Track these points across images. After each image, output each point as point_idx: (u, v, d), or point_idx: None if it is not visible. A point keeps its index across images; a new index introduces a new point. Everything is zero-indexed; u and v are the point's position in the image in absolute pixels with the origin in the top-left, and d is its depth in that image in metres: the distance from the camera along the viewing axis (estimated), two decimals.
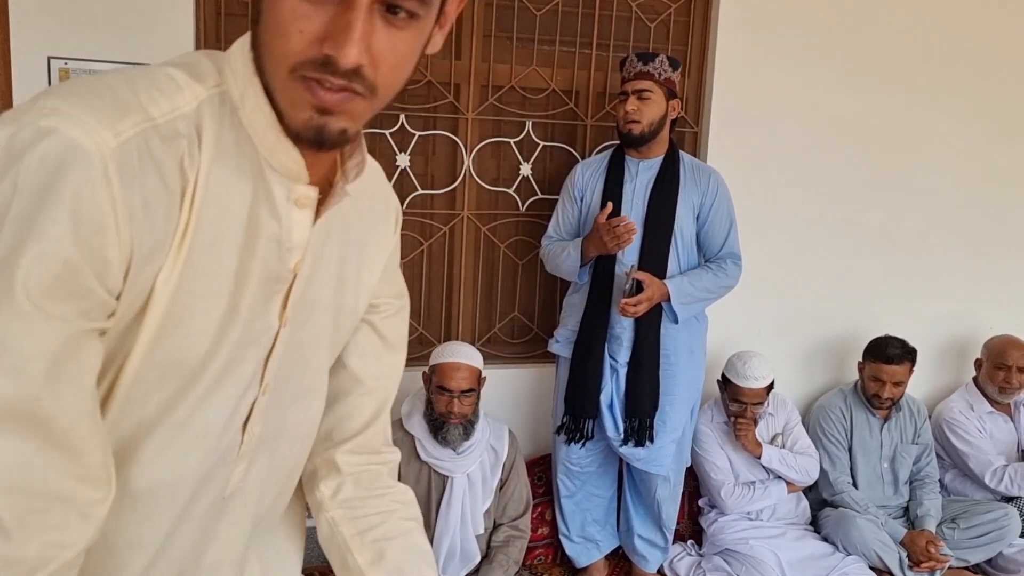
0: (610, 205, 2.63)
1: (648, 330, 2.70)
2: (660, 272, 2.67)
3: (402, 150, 3.00)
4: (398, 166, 3.00)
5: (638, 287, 2.60)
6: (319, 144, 0.78)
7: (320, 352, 0.99)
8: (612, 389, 2.77)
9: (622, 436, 2.76)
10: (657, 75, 2.64)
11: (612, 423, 2.78)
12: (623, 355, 2.75)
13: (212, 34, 2.75)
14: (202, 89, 0.79)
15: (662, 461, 2.81)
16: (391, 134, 2.98)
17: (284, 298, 0.88)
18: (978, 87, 3.48)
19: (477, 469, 2.74)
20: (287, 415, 0.97)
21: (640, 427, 2.73)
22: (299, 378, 0.97)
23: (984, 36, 3.44)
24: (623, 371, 2.76)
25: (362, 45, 0.72)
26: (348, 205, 0.90)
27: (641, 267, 2.66)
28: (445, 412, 2.62)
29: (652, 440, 2.74)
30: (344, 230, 0.95)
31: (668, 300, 2.67)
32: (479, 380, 2.70)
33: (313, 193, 0.85)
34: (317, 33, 0.72)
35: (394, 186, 2.98)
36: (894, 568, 2.97)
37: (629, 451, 2.78)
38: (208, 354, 0.82)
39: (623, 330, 2.73)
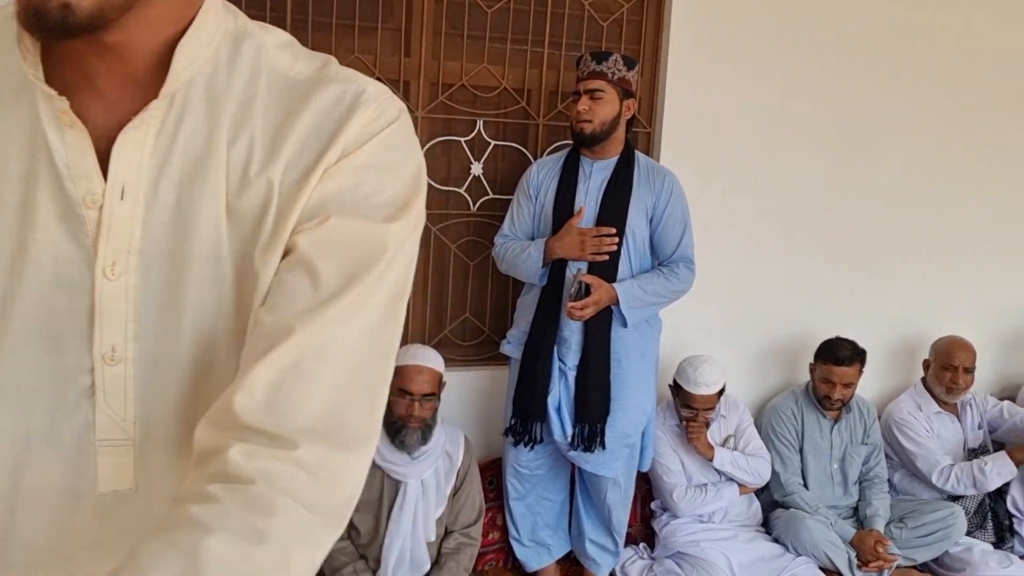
0: (584, 209, 2.59)
1: (597, 334, 2.67)
2: (610, 275, 2.64)
3: None
4: None
5: (586, 290, 2.57)
6: (42, 30, 0.63)
7: (208, 317, 0.78)
8: (560, 392, 2.73)
9: (569, 440, 2.73)
10: (610, 75, 2.61)
11: (559, 427, 2.74)
12: (572, 358, 2.72)
13: None
14: None
15: (611, 464, 2.78)
16: None
17: (94, 241, 0.74)
18: (930, 90, 3.51)
19: (431, 475, 2.69)
20: (182, 398, 0.80)
21: (590, 433, 2.70)
22: (187, 352, 0.78)
23: (936, 38, 3.46)
24: (572, 375, 2.72)
25: None
26: (222, 115, 0.75)
27: (591, 270, 2.62)
28: (405, 415, 2.57)
29: (604, 447, 2.71)
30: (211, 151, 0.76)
31: (617, 304, 2.64)
32: (440, 384, 2.66)
33: (63, 105, 0.70)
34: None
35: None
36: (843, 568, 2.98)
37: (577, 455, 2.75)
38: None
39: (572, 333, 2.70)
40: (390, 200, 0.79)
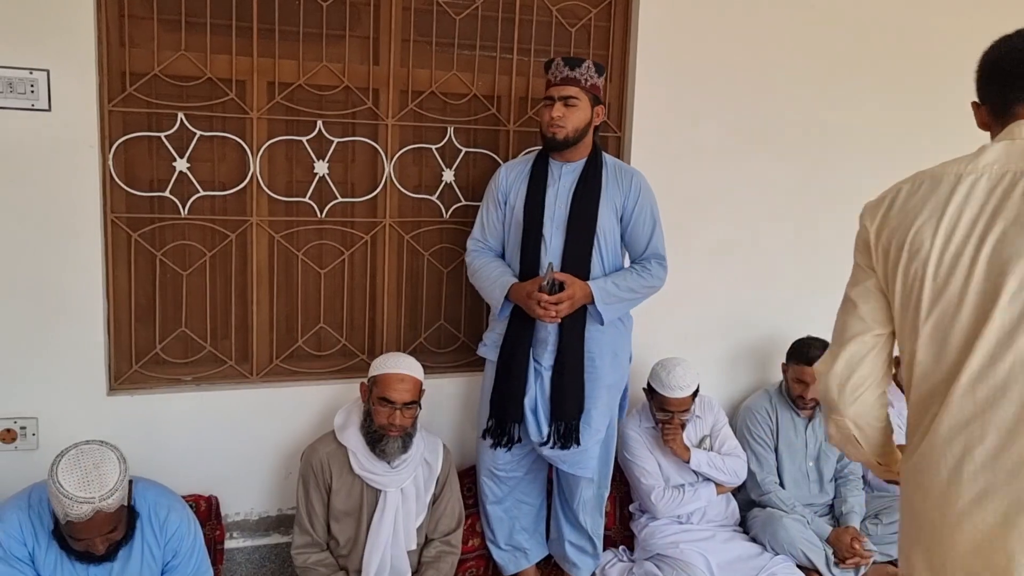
0: (551, 269, 2.58)
1: (572, 333, 2.68)
2: (583, 274, 2.66)
3: (320, 157, 2.92)
4: (316, 174, 2.92)
5: (559, 287, 2.58)
6: None
7: None
8: (536, 393, 2.74)
9: (544, 438, 2.73)
10: (583, 81, 2.62)
11: (535, 426, 2.74)
12: (547, 359, 2.72)
13: (116, 37, 2.63)
14: None
15: (587, 464, 2.79)
16: (308, 141, 2.89)
17: None
18: (893, 91, 3.55)
19: (411, 484, 2.68)
20: None
21: (566, 430, 2.71)
22: None
23: (902, 43, 3.51)
24: (547, 375, 2.73)
25: None
26: None
27: (563, 269, 2.63)
28: (386, 424, 2.56)
29: (579, 443, 2.72)
30: None
31: (591, 302, 2.65)
32: (420, 392, 2.65)
33: None
34: None
35: (312, 195, 2.91)
36: (821, 566, 3.01)
37: (554, 453, 2.75)
38: None
39: (548, 334, 2.70)
40: None
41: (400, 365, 2.63)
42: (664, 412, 3.03)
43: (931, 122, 3.66)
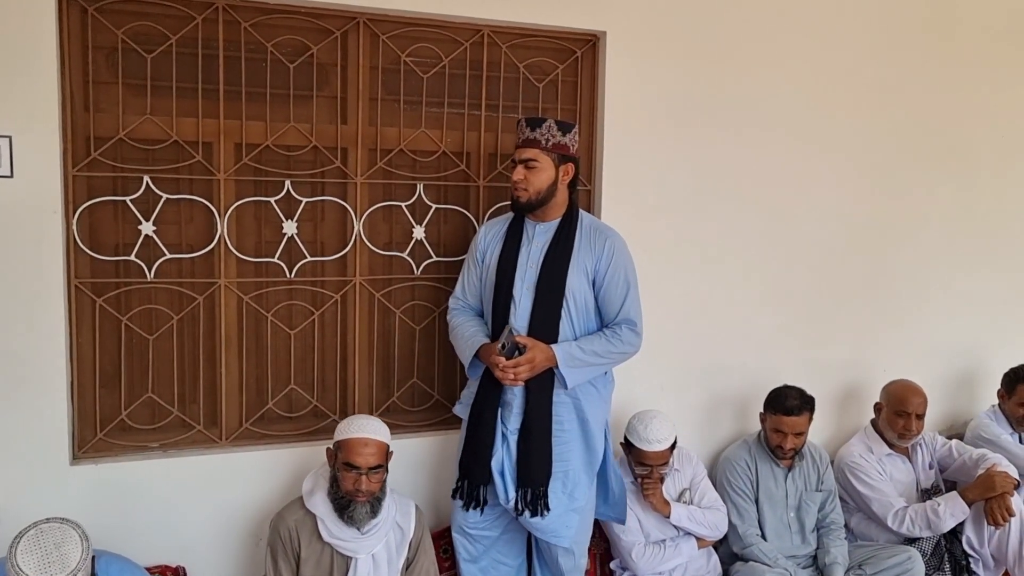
0: (510, 333, 2.55)
1: (539, 397, 2.62)
2: (550, 337, 2.61)
3: (289, 217, 2.90)
4: (285, 233, 2.90)
5: (521, 351, 2.53)
6: None
7: None
8: (503, 456, 2.67)
9: (512, 504, 2.67)
10: (544, 142, 2.60)
11: (503, 490, 2.67)
12: (513, 422, 2.66)
13: (80, 102, 2.61)
14: None
15: (563, 533, 2.71)
16: (276, 201, 2.88)
17: None
18: (860, 138, 3.60)
19: (382, 548, 2.61)
20: None
21: (532, 497, 2.64)
22: None
23: (863, 94, 3.57)
24: (513, 439, 2.66)
25: None
26: None
27: (531, 331, 2.59)
28: (352, 490, 2.50)
29: (548, 509, 2.65)
30: None
31: (556, 365, 2.60)
32: (387, 455, 2.60)
33: None
34: None
35: (281, 255, 2.89)
36: None
37: (527, 520, 2.69)
38: None
39: (513, 397, 2.65)
40: None
41: (364, 429, 2.57)
42: (643, 466, 2.99)
43: (894, 170, 3.72)
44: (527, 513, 2.64)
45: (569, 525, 2.72)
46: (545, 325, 2.61)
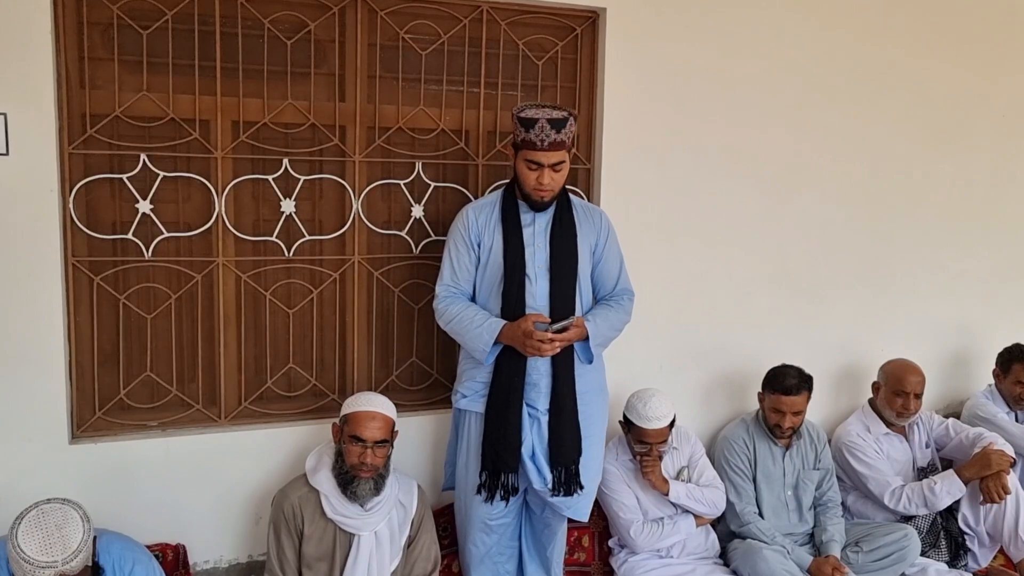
0: (541, 317, 2.53)
1: (565, 373, 2.63)
2: (568, 313, 2.61)
3: (287, 195, 2.88)
4: (283, 212, 2.88)
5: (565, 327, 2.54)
6: None
7: None
8: (533, 439, 2.65)
9: (549, 487, 2.65)
10: (570, 141, 2.56)
11: (537, 473, 2.64)
12: (542, 402, 2.65)
13: (76, 79, 2.59)
14: None
15: (586, 507, 2.74)
16: (275, 179, 2.86)
17: None
18: (859, 121, 3.60)
19: (385, 526, 2.63)
20: None
21: (567, 476, 2.64)
22: None
23: (863, 72, 3.56)
24: (544, 419, 2.66)
25: None
26: None
27: (551, 309, 2.60)
28: (357, 464, 2.51)
29: (582, 487, 2.66)
30: None
31: (583, 340, 2.63)
32: (392, 432, 2.60)
33: None
34: None
35: (280, 234, 2.88)
36: None
37: (560, 500, 2.68)
38: None
39: (540, 376, 2.64)
40: None
41: (372, 403, 2.60)
42: (642, 444, 3.00)
43: (893, 149, 3.71)
44: (561, 493, 2.65)
45: (592, 499, 2.76)
46: (564, 302, 2.63)
